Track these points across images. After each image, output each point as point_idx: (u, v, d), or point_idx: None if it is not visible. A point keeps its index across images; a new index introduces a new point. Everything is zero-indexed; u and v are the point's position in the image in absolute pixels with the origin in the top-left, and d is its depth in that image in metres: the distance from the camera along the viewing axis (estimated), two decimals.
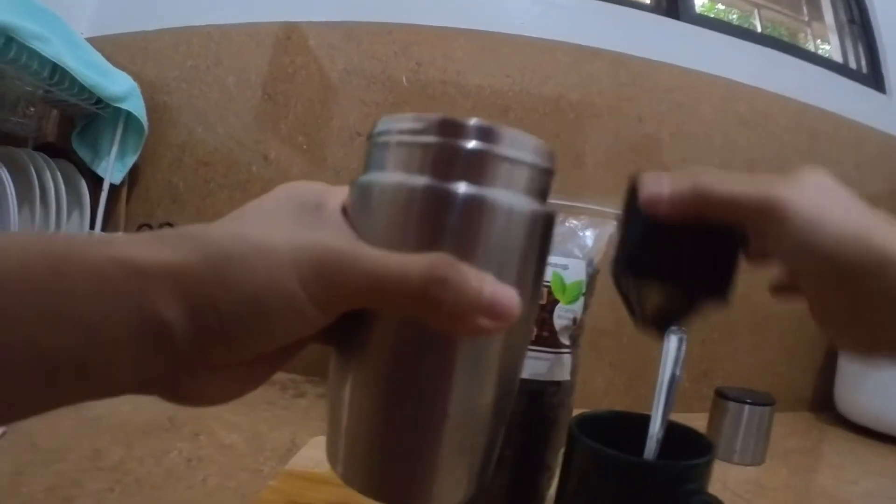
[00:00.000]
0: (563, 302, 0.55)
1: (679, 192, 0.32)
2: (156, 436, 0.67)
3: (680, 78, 1.09)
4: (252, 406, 0.81)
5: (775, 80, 1.14)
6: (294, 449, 0.67)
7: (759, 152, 1.11)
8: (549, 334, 0.54)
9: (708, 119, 1.09)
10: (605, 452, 0.42)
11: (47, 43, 0.88)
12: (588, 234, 0.60)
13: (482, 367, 0.25)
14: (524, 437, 0.53)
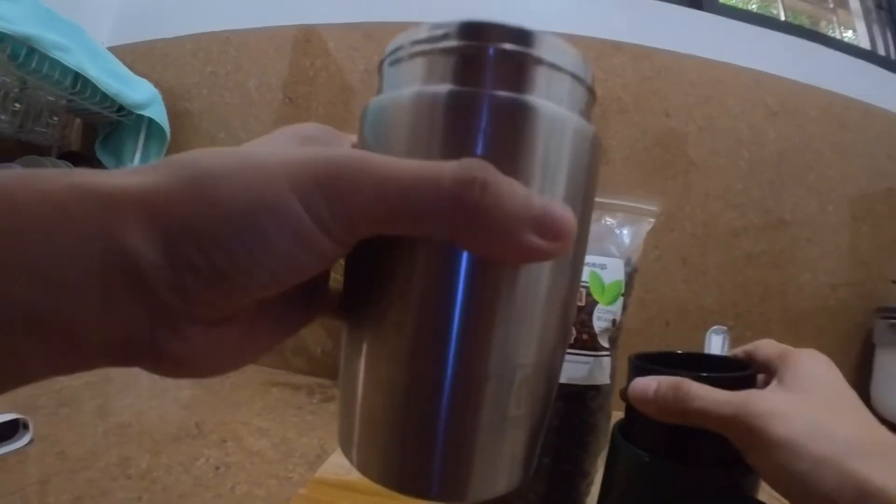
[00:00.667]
0: (602, 303, 0.52)
1: (662, 397, 0.35)
2: (184, 443, 0.65)
3: (705, 70, 1.05)
4: (279, 411, 0.79)
5: (802, 70, 1.10)
6: (323, 455, 0.65)
7: (788, 144, 1.07)
8: (588, 337, 0.51)
9: (735, 111, 1.05)
10: (650, 460, 0.39)
11: (69, 53, 0.88)
12: (625, 231, 0.57)
13: (528, 314, 0.19)
14: (562, 444, 0.50)
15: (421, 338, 0.19)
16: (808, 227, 1.07)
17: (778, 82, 1.08)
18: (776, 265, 1.05)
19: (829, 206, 1.08)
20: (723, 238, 1.02)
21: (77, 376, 0.83)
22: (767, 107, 1.06)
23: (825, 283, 1.08)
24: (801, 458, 0.28)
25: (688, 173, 1.02)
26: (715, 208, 1.02)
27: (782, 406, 0.31)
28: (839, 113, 1.11)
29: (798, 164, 1.07)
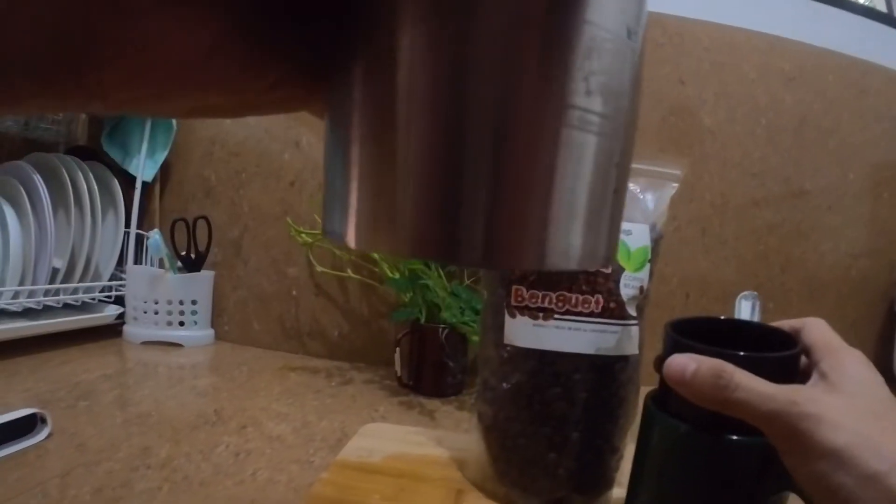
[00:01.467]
0: (629, 270, 0.49)
1: (701, 381, 0.32)
2: (203, 430, 0.63)
3: (719, 35, 1.00)
4: (298, 396, 0.77)
5: (818, 34, 1.05)
6: (344, 438, 0.63)
7: (807, 110, 1.02)
8: (616, 305, 0.48)
9: (752, 78, 1.00)
10: (686, 430, 0.36)
11: None
12: (649, 197, 0.54)
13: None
14: (592, 418, 0.48)
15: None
16: (829, 196, 1.03)
17: (794, 47, 1.03)
18: (797, 234, 1.01)
19: (850, 174, 1.04)
20: (742, 208, 0.99)
21: (94, 369, 0.83)
22: (784, 72, 1.02)
23: (846, 253, 1.04)
24: (845, 471, 0.27)
25: (704, 142, 0.98)
26: (733, 177, 0.99)
27: (832, 411, 0.29)
28: (858, 78, 1.06)
29: (817, 130, 1.02)
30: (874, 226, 1.06)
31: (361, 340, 0.97)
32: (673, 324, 0.38)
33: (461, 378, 0.82)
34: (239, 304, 1.03)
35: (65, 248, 0.91)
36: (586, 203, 0.15)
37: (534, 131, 0.14)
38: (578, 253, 0.15)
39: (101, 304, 1.01)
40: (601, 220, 0.16)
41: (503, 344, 0.48)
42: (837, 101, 1.04)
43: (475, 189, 0.14)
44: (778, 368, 0.34)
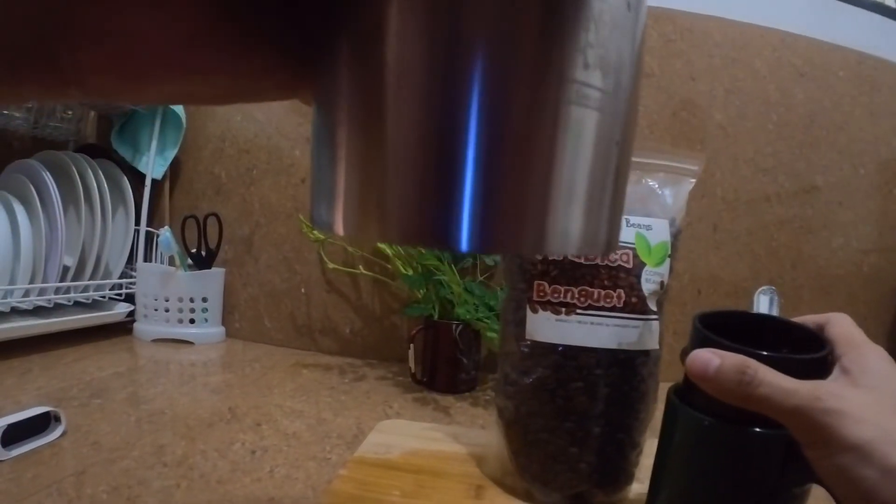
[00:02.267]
0: (650, 265, 0.49)
1: (724, 377, 0.32)
2: (218, 428, 0.63)
3: (729, 31, 0.99)
4: (313, 392, 0.77)
5: (829, 30, 1.04)
6: (360, 435, 0.62)
7: (818, 105, 1.01)
8: (637, 300, 0.47)
9: (763, 73, 1.00)
10: (711, 423, 0.36)
11: None
12: (667, 192, 0.54)
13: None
14: (613, 412, 0.47)
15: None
16: (840, 191, 1.02)
17: (804, 42, 1.02)
18: (808, 230, 1.00)
19: (861, 170, 1.03)
20: (754, 203, 0.98)
21: (106, 367, 0.82)
22: (795, 67, 1.01)
23: (857, 249, 1.03)
24: (868, 464, 0.27)
25: (716, 138, 0.97)
26: (745, 173, 0.98)
27: (854, 406, 0.29)
28: (869, 73, 1.05)
29: (828, 126, 1.02)
30: (885, 221, 1.05)
31: (374, 337, 0.96)
32: (700, 317, 0.38)
33: (475, 374, 0.81)
34: (250, 302, 1.03)
35: (75, 246, 0.91)
36: (586, 184, 0.14)
37: (531, 107, 0.13)
38: (578, 237, 0.15)
39: (111, 301, 1.00)
40: (602, 203, 0.15)
41: (524, 339, 0.48)
42: (848, 97, 1.03)
43: (469, 170, 0.13)
44: (810, 370, 0.34)
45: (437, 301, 0.79)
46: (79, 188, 0.91)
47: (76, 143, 1.07)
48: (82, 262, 0.92)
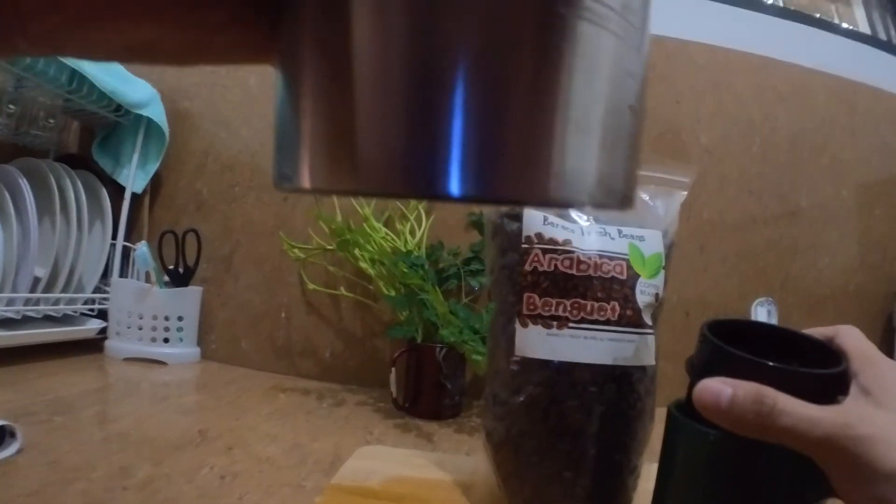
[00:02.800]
0: (644, 276, 0.46)
1: (740, 409, 0.29)
2: (187, 451, 0.58)
3: (713, 55, 0.99)
4: (288, 416, 0.72)
5: (809, 55, 1.05)
6: (338, 461, 0.57)
7: (800, 128, 1.01)
8: (632, 313, 0.44)
9: (746, 97, 0.99)
10: (716, 437, 0.32)
11: None
12: (659, 203, 0.52)
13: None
14: (609, 432, 0.43)
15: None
16: (824, 212, 1.01)
17: (785, 67, 1.03)
18: (795, 251, 0.99)
19: (843, 191, 1.03)
20: (740, 224, 0.96)
21: (74, 384, 0.77)
22: (777, 91, 1.01)
23: (843, 269, 1.02)
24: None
25: (701, 160, 0.96)
26: (731, 194, 0.96)
27: (886, 430, 0.26)
28: (848, 96, 1.06)
29: (811, 147, 1.01)
30: (869, 240, 1.05)
31: (355, 361, 0.92)
32: (709, 325, 0.35)
33: (459, 400, 0.77)
34: (227, 322, 0.98)
35: (48, 257, 0.86)
36: (601, 116, 0.12)
37: (536, 15, 0.11)
38: (593, 182, 0.12)
39: (83, 317, 0.95)
40: (618, 143, 0.13)
41: (514, 355, 0.44)
42: (829, 120, 1.04)
43: (459, 95, 0.11)
44: (830, 386, 0.31)
45: (421, 323, 0.75)
46: (55, 198, 0.86)
47: (57, 152, 1.03)
48: (55, 274, 0.88)
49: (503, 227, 0.46)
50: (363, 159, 0.12)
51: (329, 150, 0.12)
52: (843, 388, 0.31)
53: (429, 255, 0.83)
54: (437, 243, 0.87)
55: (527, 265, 0.44)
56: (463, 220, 0.90)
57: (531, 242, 0.44)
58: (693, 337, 0.95)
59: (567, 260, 0.44)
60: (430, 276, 0.73)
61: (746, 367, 0.31)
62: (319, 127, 0.12)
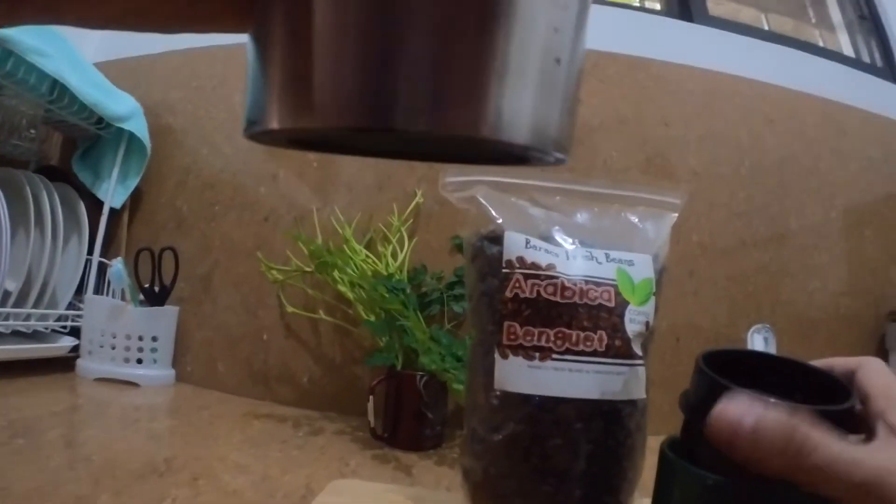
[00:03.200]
0: (633, 303, 0.42)
1: (767, 441, 0.24)
2: (149, 481, 0.54)
3: (701, 79, 0.98)
4: (260, 445, 0.67)
5: (796, 78, 1.04)
6: (309, 495, 0.54)
7: (788, 151, 0.99)
8: (621, 343, 0.40)
9: (734, 119, 0.98)
10: (716, 483, 0.28)
11: (47, 58, 0.80)
12: (649, 226, 0.48)
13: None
14: (596, 472, 0.39)
15: None
16: (814, 235, 0.99)
17: (773, 90, 1.01)
18: (785, 274, 0.96)
19: (832, 213, 1.01)
20: (730, 248, 0.94)
21: (40, 405, 0.72)
22: (764, 114, 1.00)
23: (834, 291, 1.00)
24: None
25: (690, 183, 0.94)
26: (720, 218, 0.94)
27: None
28: (836, 118, 1.04)
29: (799, 170, 0.99)
30: (858, 263, 1.03)
31: (333, 387, 0.87)
32: (705, 357, 0.31)
33: (440, 430, 0.73)
34: (204, 344, 0.93)
35: (20, 270, 0.82)
36: (534, 63, 0.14)
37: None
38: (529, 123, 0.14)
39: (54, 334, 0.91)
40: (551, 92, 0.14)
41: (493, 389, 0.40)
42: (816, 142, 1.02)
43: (409, 32, 0.12)
44: (838, 423, 0.27)
45: (401, 350, 0.71)
46: (31, 209, 0.83)
47: (37, 163, 1.00)
48: (26, 288, 0.84)
49: (483, 250, 0.42)
50: (321, 99, 0.13)
51: (292, 92, 0.14)
52: (851, 426, 0.28)
53: (411, 278, 0.79)
54: (420, 267, 0.83)
55: (507, 291, 0.40)
56: (447, 243, 0.87)
57: (512, 267, 0.41)
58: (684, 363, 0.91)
59: (551, 286, 0.40)
60: (411, 300, 0.70)
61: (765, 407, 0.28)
62: (283, 74, 0.14)
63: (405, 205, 0.87)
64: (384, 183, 0.89)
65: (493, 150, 0.16)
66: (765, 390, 0.28)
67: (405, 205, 0.87)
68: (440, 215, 0.87)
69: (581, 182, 0.46)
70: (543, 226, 0.43)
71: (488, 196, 0.43)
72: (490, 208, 0.43)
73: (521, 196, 0.44)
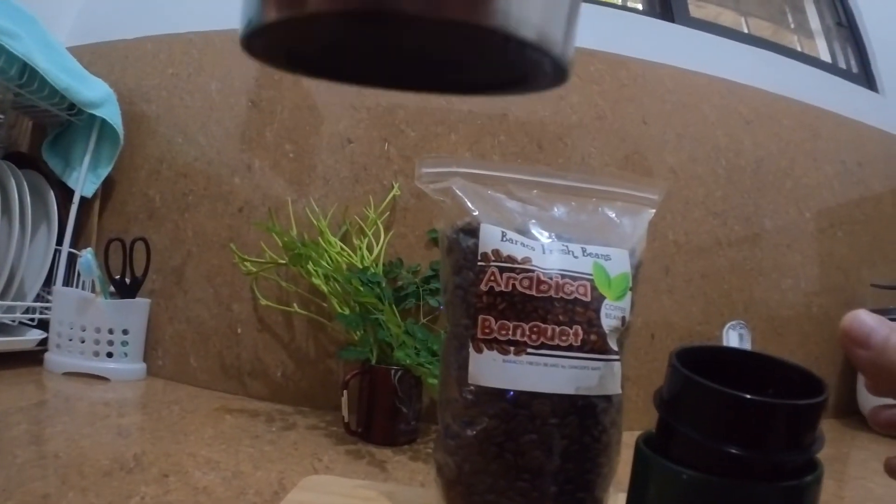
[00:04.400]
0: (609, 298, 0.42)
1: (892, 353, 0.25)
2: (117, 477, 0.52)
3: (680, 79, 0.98)
4: (232, 441, 0.66)
5: (773, 81, 1.05)
6: (281, 491, 0.52)
7: (765, 152, 1.00)
8: (597, 338, 0.40)
9: (712, 119, 0.98)
10: (691, 478, 0.28)
11: (17, 40, 0.77)
12: (626, 221, 0.48)
13: None
14: (572, 468, 0.39)
15: None
16: (788, 234, 1.00)
17: (750, 92, 1.02)
18: (759, 273, 0.97)
19: (806, 213, 1.02)
20: (705, 247, 0.94)
21: (4, 400, 0.70)
22: (742, 115, 1.00)
23: (806, 291, 1.01)
24: None
25: (667, 181, 0.94)
26: (696, 216, 0.94)
27: None
28: (811, 122, 1.05)
29: (775, 171, 1.00)
30: (831, 263, 1.04)
31: (307, 382, 0.86)
32: (678, 353, 0.31)
33: (415, 425, 0.71)
34: (175, 337, 0.91)
35: None
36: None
37: None
38: (538, 21, 0.13)
39: (21, 326, 0.88)
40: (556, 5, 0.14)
41: (467, 383, 0.39)
42: (792, 144, 1.03)
43: None
44: (813, 416, 0.27)
45: (376, 344, 0.70)
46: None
47: (6, 149, 0.96)
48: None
49: (458, 242, 0.41)
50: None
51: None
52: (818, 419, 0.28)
53: (387, 272, 0.78)
54: (396, 260, 0.82)
55: (483, 285, 0.40)
56: (423, 237, 0.86)
57: (487, 260, 0.40)
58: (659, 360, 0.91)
59: (526, 279, 0.39)
60: (386, 293, 0.69)
61: (720, 400, 0.28)
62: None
63: (381, 197, 0.85)
64: (360, 175, 0.88)
65: (495, 58, 0.15)
66: (738, 385, 0.28)
67: (381, 197, 0.85)
68: (417, 209, 0.86)
69: (558, 176, 0.45)
70: (520, 219, 0.42)
71: (464, 188, 0.42)
72: (466, 200, 0.42)
73: (497, 188, 0.43)
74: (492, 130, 0.89)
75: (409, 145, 0.88)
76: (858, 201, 1.07)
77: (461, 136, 0.89)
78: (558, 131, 0.90)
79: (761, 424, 0.28)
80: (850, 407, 1.01)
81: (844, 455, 0.83)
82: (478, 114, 0.89)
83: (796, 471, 0.28)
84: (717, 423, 0.28)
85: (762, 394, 0.28)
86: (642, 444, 0.32)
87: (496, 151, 0.89)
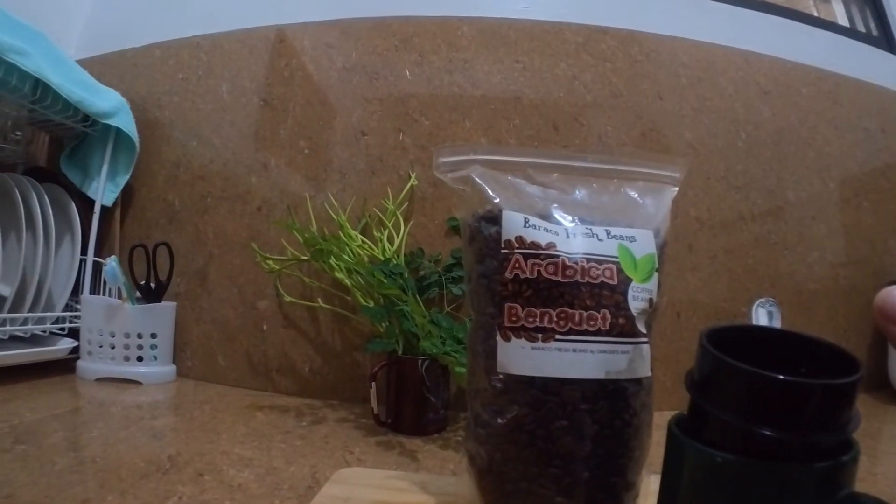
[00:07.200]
0: (636, 280, 0.41)
1: None
2: (153, 479, 0.52)
3: (694, 52, 0.96)
4: (265, 438, 0.67)
5: (790, 48, 1.02)
6: (315, 486, 0.52)
7: (784, 122, 0.98)
8: (625, 321, 0.39)
9: (729, 92, 0.96)
10: (724, 461, 0.28)
11: (27, 57, 0.77)
12: (649, 201, 0.47)
13: None
14: (603, 452, 0.39)
15: None
16: (812, 206, 0.97)
17: (767, 61, 0.99)
18: (784, 246, 0.95)
19: (830, 183, 1.00)
20: (728, 222, 0.92)
21: (41, 409, 0.71)
22: (760, 86, 0.98)
23: (833, 263, 0.98)
24: None
25: (687, 156, 0.92)
26: (717, 191, 0.92)
27: None
28: (831, 89, 1.02)
29: (796, 142, 0.98)
30: (857, 234, 1.02)
31: (334, 375, 0.86)
32: (708, 334, 0.30)
33: (444, 414, 0.72)
34: (203, 338, 0.92)
35: (14, 275, 0.81)
36: None
37: None
38: None
39: (52, 336, 0.89)
40: None
41: (496, 372, 0.39)
42: (812, 113, 1.00)
43: None
44: (848, 396, 0.26)
45: (401, 335, 0.70)
46: (21, 212, 0.81)
47: (25, 165, 0.98)
48: (22, 292, 0.82)
49: (480, 230, 0.41)
50: None
51: None
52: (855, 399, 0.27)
53: (408, 262, 0.78)
54: (417, 250, 0.82)
55: (507, 272, 0.39)
56: (443, 225, 0.85)
57: (511, 247, 0.39)
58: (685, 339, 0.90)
59: (551, 265, 0.39)
60: (409, 284, 0.69)
61: (752, 381, 0.27)
62: None
63: (399, 188, 0.85)
64: (376, 167, 0.87)
65: None
66: (769, 365, 0.27)
67: (399, 188, 0.85)
68: (435, 197, 0.86)
69: (578, 157, 0.45)
70: (541, 204, 0.42)
71: (483, 175, 0.42)
72: (486, 188, 0.41)
73: (516, 174, 0.42)
74: (506, 114, 0.88)
75: (423, 134, 0.88)
76: (883, 169, 1.04)
77: (475, 121, 0.88)
78: (573, 111, 0.89)
79: (795, 405, 0.27)
80: (882, 381, 0.99)
81: (876, 430, 0.81)
82: (491, 98, 0.88)
83: (831, 451, 0.27)
84: (750, 405, 0.28)
85: (794, 373, 0.27)
86: (675, 428, 0.31)
87: (511, 135, 0.88)
